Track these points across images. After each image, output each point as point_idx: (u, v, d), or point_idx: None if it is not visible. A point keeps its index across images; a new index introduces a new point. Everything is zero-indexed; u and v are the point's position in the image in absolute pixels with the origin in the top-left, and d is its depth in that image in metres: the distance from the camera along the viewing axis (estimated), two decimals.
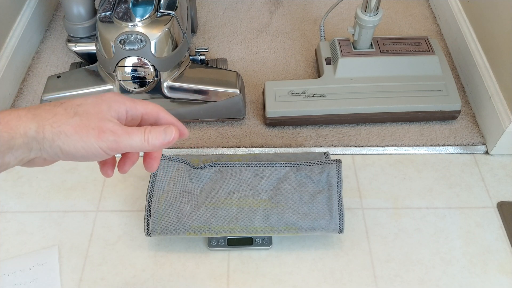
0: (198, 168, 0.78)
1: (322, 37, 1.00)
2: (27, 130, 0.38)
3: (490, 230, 0.78)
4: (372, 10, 0.87)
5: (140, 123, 0.44)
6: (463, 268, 0.74)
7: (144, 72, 0.83)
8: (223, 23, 1.15)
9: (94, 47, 0.92)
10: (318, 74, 0.99)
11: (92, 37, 0.95)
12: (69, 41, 0.95)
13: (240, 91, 0.89)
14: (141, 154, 0.44)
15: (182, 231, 0.72)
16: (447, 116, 0.92)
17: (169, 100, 0.89)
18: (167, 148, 0.89)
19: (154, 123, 0.44)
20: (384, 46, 0.94)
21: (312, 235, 0.76)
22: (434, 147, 0.89)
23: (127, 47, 0.81)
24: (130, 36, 0.81)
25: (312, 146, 0.89)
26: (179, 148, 0.89)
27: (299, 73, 1.03)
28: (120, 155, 0.45)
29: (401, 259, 0.75)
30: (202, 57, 0.96)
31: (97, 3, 0.94)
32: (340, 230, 0.72)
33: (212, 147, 0.90)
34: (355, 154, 0.89)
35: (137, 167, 0.88)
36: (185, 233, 0.72)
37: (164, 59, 0.84)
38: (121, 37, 0.81)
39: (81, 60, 0.99)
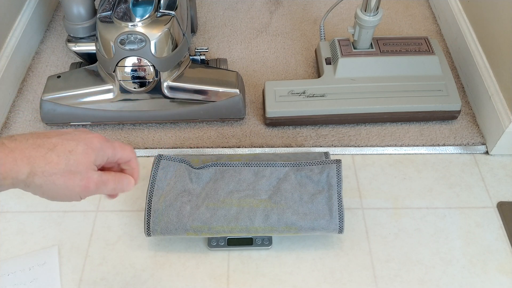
0: (198, 168, 0.78)
1: (322, 37, 1.00)
2: (19, 175, 0.41)
3: (490, 230, 0.78)
4: (372, 10, 0.87)
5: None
6: (463, 268, 0.74)
7: (144, 72, 0.83)
8: (223, 23, 1.15)
9: (94, 47, 0.92)
10: (318, 74, 0.99)
11: (92, 37, 0.95)
12: (69, 41, 0.95)
13: (240, 91, 0.89)
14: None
15: (182, 231, 0.72)
16: (447, 116, 0.92)
17: (169, 100, 0.89)
18: (166, 149, 0.89)
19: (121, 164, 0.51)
20: (384, 46, 0.94)
21: (312, 235, 0.76)
22: (434, 147, 0.89)
23: (127, 47, 0.81)
24: (130, 36, 0.81)
25: (312, 146, 0.89)
26: (179, 148, 0.89)
27: (299, 73, 1.03)
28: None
29: (401, 259, 0.75)
30: (202, 57, 0.96)
31: (97, 3, 0.94)
32: (340, 230, 0.72)
33: (212, 147, 0.90)
34: (355, 154, 0.89)
35: None
36: (185, 233, 0.72)
37: (164, 59, 0.84)
38: (121, 37, 0.81)
39: (81, 60, 0.99)
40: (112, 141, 0.48)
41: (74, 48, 0.95)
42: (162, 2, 0.86)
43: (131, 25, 0.82)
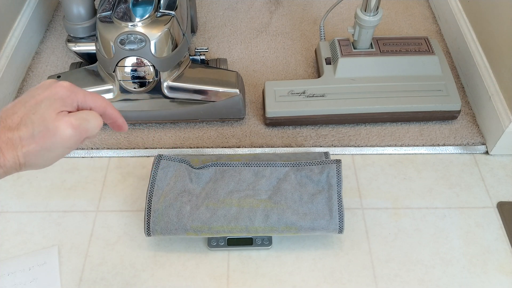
0: (198, 168, 0.78)
1: (322, 37, 1.00)
2: (5, 163, 0.41)
3: (490, 230, 0.78)
4: (372, 10, 0.87)
5: None
6: (463, 268, 0.74)
7: (144, 72, 0.83)
8: (223, 23, 1.15)
9: (94, 47, 0.92)
10: (318, 74, 0.99)
11: (92, 37, 0.95)
12: (69, 41, 0.95)
13: (240, 91, 0.88)
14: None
15: (182, 231, 0.72)
16: (447, 116, 0.92)
17: (169, 100, 0.89)
18: (166, 149, 0.89)
19: (103, 116, 0.48)
20: (384, 46, 0.94)
21: (312, 235, 0.76)
22: (434, 147, 0.89)
23: (127, 47, 0.81)
24: (130, 36, 0.81)
25: (312, 146, 0.89)
26: (179, 148, 0.89)
27: (299, 73, 1.03)
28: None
29: (401, 259, 0.75)
30: (202, 57, 0.96)
31: (97, 3, 0.94)
32: (340, 230, 0.72)
33: (212, 147, 0.90)
34: (355, 154, 0.89)
35: (137, 168, 0.88)
36: (185, 233, 0.72)
37: (164, 59, 0.84)
38: (121, 37, 0.81)
39: (81, 60, 0.99)
40: (83, 89, 0.47)
41: (74, 48, 0.95)
42: (162, 2, 0.86)
43: (131, 25, 0.82)
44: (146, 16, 0.83)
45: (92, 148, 0.89)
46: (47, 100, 0.43)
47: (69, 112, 0.44)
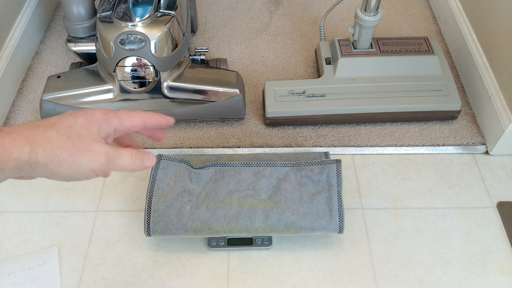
0: (198, 168, 0.78)
1: (322, 37, 1.00)
2: (20, 155, 0.39)
3: (490, 230, 0.78)
4: (372, 10, 0.87)
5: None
6: (463, 268, 0.74)
7: (144, 72, 0.83)
8: (223, 23, 1.15)
9: (94, 47, 0.92)
10: (318, 74, 0.99)
11: (92, 37, 0.95)
12: (69, 41, 0.95)
13: (240, 91, 0.89)
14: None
15: (182, 231, 0.72)
16: (447, 116, 0.92)
17: (169, 100, 0.89)
18: (166, 149, 0.89)
19: (140, 130, 0.48)
20: (384, 46, 0.94)
21: (312, 235, 0.76)
22: (434, 147, 0.89)
23: (127, 47, 0.81)
24: (130, 36, 0.81)
25: (312, 146, 0.89)
26: (179, 148, 0.89)
27: (299, 73, 1.03)
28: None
29: (401, 259, 0.75)
30: (202, 57, 0.96)
31: (97, 3, 0.94)
32: (340, 230, 0.72)
33: (212, 147, 0.90)
34: (355, 154, 0.89)
35: None
36: (185, 233, 0.72)
37: (164, 59, 0.84)
38: (121, 37, 0.81)
39: (81, 60, 0.99)
40: (118, 110, 0.46)
41: (74, 48, 0.95)
42: (162, 2, 0.86)
43: (131, 25, 0.82)
44: (146, 16, 0.83)
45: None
46: (83, 118, 0.42)
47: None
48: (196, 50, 0.96)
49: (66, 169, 0.40)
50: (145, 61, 0.82)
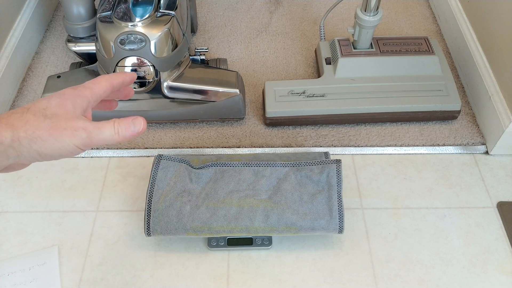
0: (198, 168, 0.78)
1: (322, 37, 1.00)
2: (3, 140, 0.40)
3: (490, 230, 0.78)
4: (372, 10, 0.87)
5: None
6: (463, 268, 0.74)
7: (144, 72, 0.83)
8: (223, 23, 1.15)
9: (94, 47, 0.92)
10: (318, 74, 0.99)
11: (92, 37, 0.95)
12: (69, 41, 0.95)
13: (240, 91, 0.89)
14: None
15: (182, 231, 0.72)
16: (447, 116, 0.92)
17: (169, 100, 0.89)
18: (166, 149, 0.89)
19: (110, 94, 0.49)
20: (384, 46, 0.94)
21: (312, 235, 0.76)
22: (434, 147, 0.89)
23: (127, 47, 0.81)
24: (130, 36, 0.81)
25: (312, 146, 0.89)
26: (179, 148, 0.89)
27: (299, 73, 1.03)
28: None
29: (401, 259, 0.75)
30: (202, 57, 0.96)
31: (97, 3, 0.94)
32: (340, 230, 0.72)
33: (212, 147, 0.90)
34: (355, 154, 0.89)
35: (137, 168, 0.88)
36: (185, 233, 0.72)
37: (164, 59, 0.84)
38: (121, 37, 0.81)
39: (81, 60, 0.99)
40: (84, 83, 0.46)
41: (74, 48, 0.95)
42: (162, 2, 0.86)
43: (131, 25, 0.82)
44: (146, 16, 0.83)
45: (92, 148, 0.89)
46: (55, 98, 0.43)
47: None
48: (196, 50, 0.96)
49: (50, 148, 0.41)
50: (145, 61, 0.82)
